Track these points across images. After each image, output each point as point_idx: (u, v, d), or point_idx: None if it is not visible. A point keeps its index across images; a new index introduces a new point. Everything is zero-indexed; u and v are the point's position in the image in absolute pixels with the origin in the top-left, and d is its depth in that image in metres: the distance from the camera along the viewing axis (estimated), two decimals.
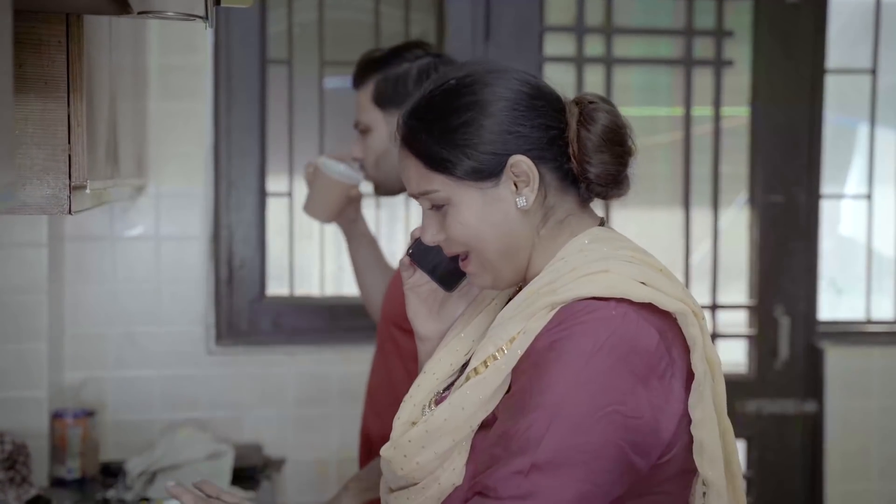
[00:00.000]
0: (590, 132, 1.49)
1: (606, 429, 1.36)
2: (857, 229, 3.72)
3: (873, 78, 3.63)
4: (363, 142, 2.35)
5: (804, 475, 3.59)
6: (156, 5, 1.42)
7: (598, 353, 1.37)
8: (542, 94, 1.51)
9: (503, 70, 1.53)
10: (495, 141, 1.47)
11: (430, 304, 1.67)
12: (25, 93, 1.50)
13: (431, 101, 1.52)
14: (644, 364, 1.38)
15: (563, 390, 1.37)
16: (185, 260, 3.23)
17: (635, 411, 1.37)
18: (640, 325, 1.39)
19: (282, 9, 3.41)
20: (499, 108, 1.48)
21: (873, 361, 3.56)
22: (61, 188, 1.54)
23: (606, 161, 1.49)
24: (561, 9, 3.56)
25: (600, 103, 1.52)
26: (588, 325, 1.39)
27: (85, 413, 2.96)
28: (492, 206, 1.49)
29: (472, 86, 1.50)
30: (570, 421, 1.35)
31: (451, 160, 1.48)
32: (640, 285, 1.42)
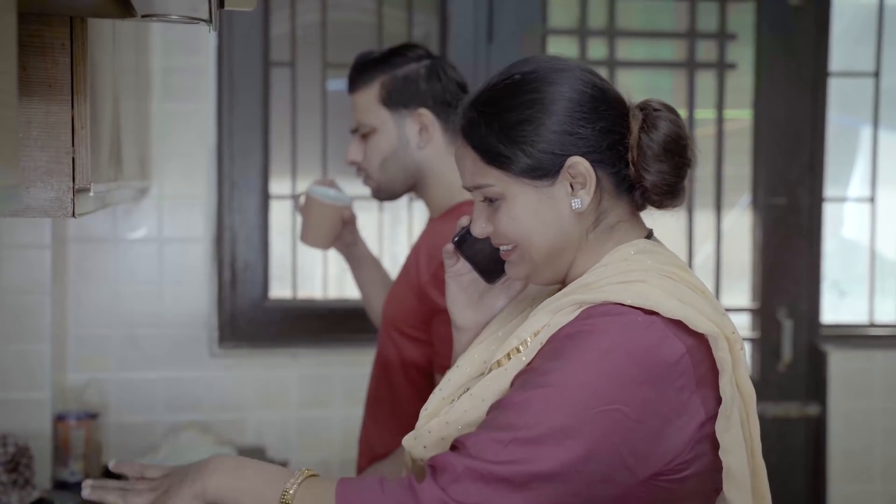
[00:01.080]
0: (651, 139, 1.47)
1: (604, 423, 1.34)
2: (860, 231, 3.72)
3: (876, 80, 3.63)
4: (364, 145, 2.29)
5: (807, 477, 3.59)
6: (159, 8, 1.42)
7: (615, 351, 1.37)
8: (605, 97, 1.50)
9: (569, 68, 1.50)
10: (555, 141, 1.46)
11: (470, 293, 1.66)
12: (29, 96, 1.50)
13: (494, 94, 1.51)
14: (660, 373, 1.37)
15: (568, 377, 1.36)
16: (188, 262, 3.23)
17: (640, 415, 1.35)
18: (664, 336, 1.38)
19: (284, 11, 3.41)
20: (561, 108, 1.47)
21: (876, 364, 3.56)
22: (65, 191, 1.54)
23: (665, 171, 1.48)
24: (563, 11, 3.56)
25: (665, 111, 1.50)
26: (612, 325, 1.38)
27: (88, 415, 2.96)
28: (545, 205, 1.48)
29: (535, 82, 1.48)
30: (566, 407, 1.35)
31: (509, 156, 1.47)
32: (673, 301, 1.40)
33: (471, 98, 1.54)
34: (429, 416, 1.54)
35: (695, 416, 1.39)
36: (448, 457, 1.37)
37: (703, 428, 1.40)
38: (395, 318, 2.21)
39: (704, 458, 1.41)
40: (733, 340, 1.43)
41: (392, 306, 2.26)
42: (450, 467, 1.35)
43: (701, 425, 1.39)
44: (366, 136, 2.28)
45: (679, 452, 1.38)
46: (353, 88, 2.30)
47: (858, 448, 3.54)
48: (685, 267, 1.52)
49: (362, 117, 2.27)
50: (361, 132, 2.28)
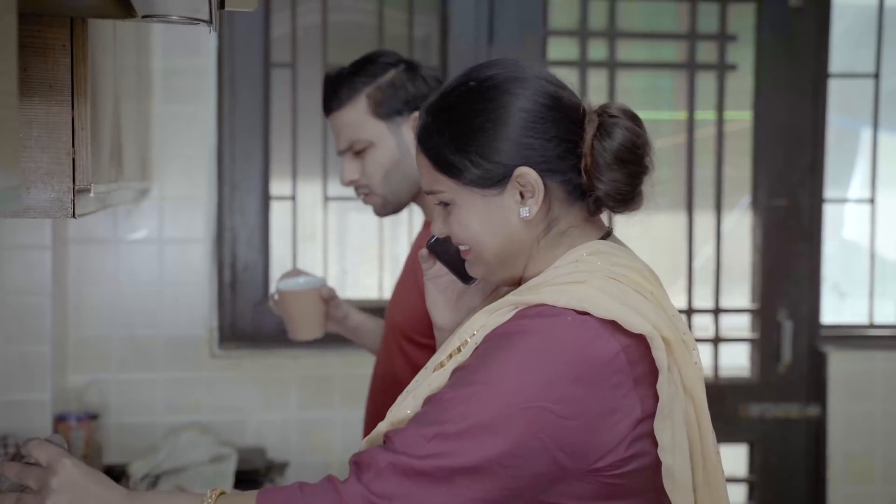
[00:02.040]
0: (604, 148, 1.47)
1: (528, 420, 1.36)
2: (861, 233, 3.72)
3: (876, 81, 3.63)
4: (359, 162, 2.20)
5: (807, 478, 3.59)
6: (160, 9, 1.42)
7: (543, 350, 1.38)
8: (561, 106, 1.49)
9: (526, 77, 1.49)
10: (504, 151, 1.47)
11: (449, 295, 1.69)
12: (30, 96, 1.50)
13: (449, 100, 1.51)
14: (590, 373, 1.38)
15: (495, 374, 1.38)
16: (189, 263, 3.23)
17: (568, 412, 1.36)
18: (597, 335, 1.39)
19: (285, 12, 3.41)
20: (514, 120, 1.46)
21: (876, 365, 3.56)
22: (65, 192, 1.54)
23: (618, 179, 1.48)
24: (564, 12, 3.56)
25: (622, 118, 1.49)
26: (542, 325, 1.40)
27: (88, 416, 2.97)
28: (494, 213, 1.49)
29: (490, 91, 1.49)
30: (491, 403, 1.36)
31: (458, 166, 1.49)
32: (610, 301, 1.40)
33: (428, 102, 1.55)
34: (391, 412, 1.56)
35: (630, 414, 1.40)
36: (373, 452, 1.39)
37: (642, 425, 1.41)
38: (404, 327, 2.16)
39: (647, 456, 1.42)
40: (675, 342, 1.43)
41: (399, 315, 2.21)
42: (373, 463, 1.37)
43: (638, 422, 1.40)
44: (360, 153, 2.19)
45: (613, 448, 1.39)
46: (334, 108, 2.21)
47: (858, 449, 3.54)
48: (638, 269, 1.51)
49: (355, 134, 2.19)
50: (355, 149, 2.19)
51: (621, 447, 1.40)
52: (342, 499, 1.35)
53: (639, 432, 1.41)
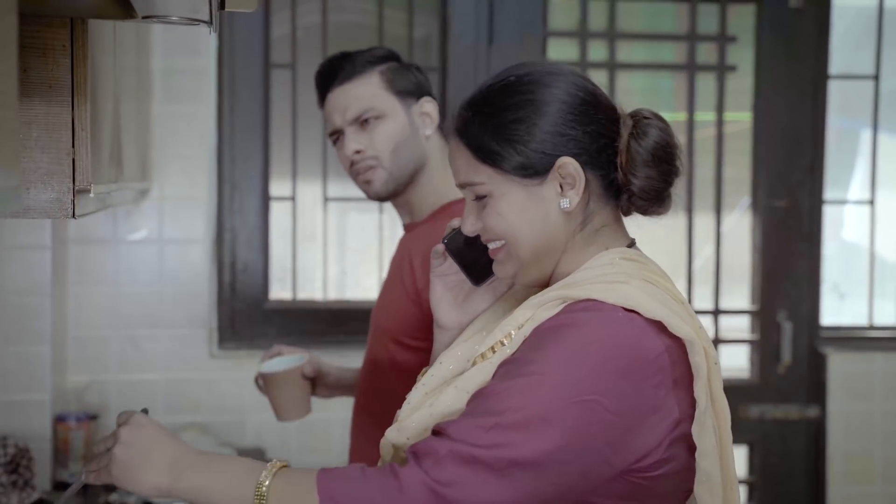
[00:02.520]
0: (640, 146, 1.50)
1: (582, 413, 1.36)
2: (860, 234, 3.72)
3: (876, 83, 3.63)
4: (368, 134, 2.14)
5: (807, 479, 3.59)
6: (160, 10, 1.42)
7: (595, 344, 1.39)
8: (597, 102, 1.53)
9: (563, 72, 1.54)
10: (546, 140, 1.49)
11: (456, 294, 1.68)
12: (30, 97, 1.50)
13: (489, 94, 1.54)
14: (638, 369, 1.40)
15: (549, 366, 1.39)
16: (188, 263, 3.24)
17: (617, 407, 1.38)
18: (644, 333, 1.41)
19: (285, 12, 3.41)
20: (554, 110, 1.49)
21: (876, 366, 3.56)
22: (65, 192, 1.54)
23: (652, 176, 1.51)
24: (564, 13, 3.56)
25: (654, 119, 1.53)
26: (593, 319, 1.41)
27: (88, 416, 2.97)
28: (534, 204, 1.50)
29: (530, 84, 1.51)
30: (546, 395, 1.37)
31: (501, 153, 1.50)
32: (654, 303, 1.43)
33: (466, 99, 1.57)
34: (412, 409, 1.55)
35: (669, 415, 1.41)
36: (430, 441, 1.39)
37: (678, 428, 1.42)
38: (392, 329, 2.15)
39: (679, 460, 1.43)
40: (709, 350, 1.45)
41: (387, 317, 2.19)
42: (432, 451, 1.36)
43: (676, 424, 1.42)
44: (367, 125, 2.15)
45: (653, 449, 1.40)
46: (342, 79, 2.16)
47: (858, 450, 3.54)
48: (667, 276, 1.55)
49: (368, 103, 2.14)
50: (364, 118, 2.14)
51: (660, 448, 1.41)
52: (402, 484, 1.35)
53: (676, 435, 1.42)
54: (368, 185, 2.18)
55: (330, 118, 2.19)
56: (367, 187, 2.19)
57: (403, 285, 2.12)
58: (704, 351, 1.43)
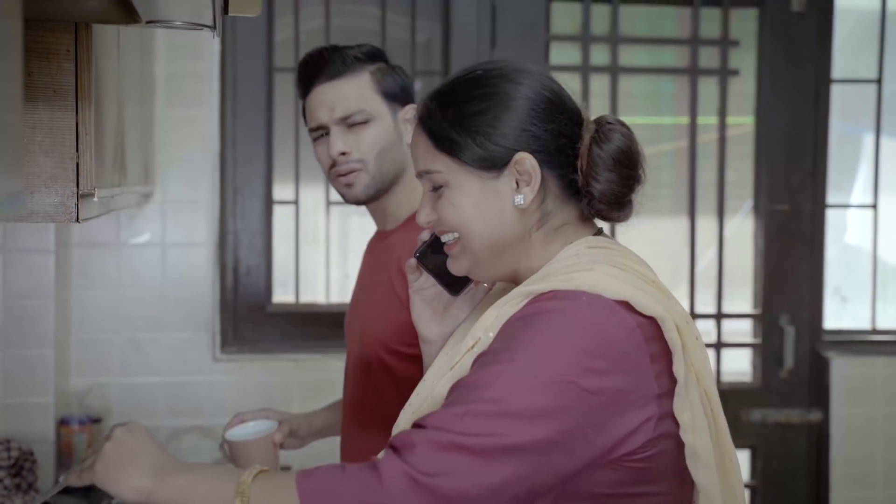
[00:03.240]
0: (602, 150, 1.49)
1: (559, 395, 1.36)
2: (863, 238, 3.72)
3: (878, 87, 3.63)
4: (355, 136, 2.07)
5: (809, 483, 3.59)
6: (164, 15, 1.43)
7: (565, 327, 1.39)
8: (562, 103, 1.53)
9: (530, 71, 1.54)
10: (507, 135, 1.49)
11: (435, 306, 1.68)
12: (34, 101, 1.51)
13: (455, 86, 1.54)
14: (610, 347, 1.39)
15: (522, 352, 1.38)
16: (191, 267, 3.24)
17: (595, 388, 1.37)
18: (611, 315, 1.40)
19: (288, 17, 3.42)
20: (518, 105, 1.49)
21: (878, 370, 3.56)
22: (69, 196, 1.54)
23: (613, 180, 1.50)
24: (566, 17, 3.56)
25: (618, 125, 1.53)
26: (559, 306, 1.41)
27: (91, 419, 2.97)
28: (488, 197, 1.50)
29: (496, 78, 1.52)
30: (521, 379, 1.37)
31: (459, 143, 1.50)
32: (618, 284, 1.42)
33: (432, 91, 1.57)
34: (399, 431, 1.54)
35: (649, 391, 1.41)
36: (408, 434, 1.38)
37: (661, 405, 1.42)
38: (384, 338, 2.08)
39: (670, 437, 1.43)
40: (684, 329, 1.44)
41: (376, 326, 2.11)
42: (409, 442, 1.36)
43: (658, 401, 1.41)
44: (354, 127, 2.08)
45: (639, 426, 1.40)
46: (332, 75, 2.08)
47: (860, 454, 3.54)
48: (638, 259, 1.54)
49: (357, 104, 2.07)
50: (353, 121, 2.07)
51: (647, 427, 1.40)
52: (382, 476, 1.34)
53: (661, 412, 1.42)
54: (349, 188, 2.11)
55: (314, 114, 2.10)
56: (346, 190, 2.12)
57: (394, 292, 2.07)
58: (677, 327, 1.42)
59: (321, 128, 2.10)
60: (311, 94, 2.10)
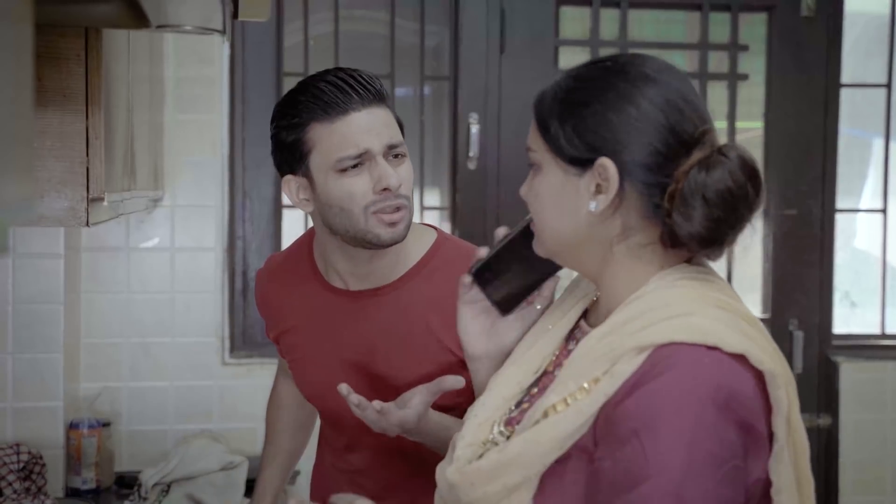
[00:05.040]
0: (696, 180, 1.35)
1: (730, 487, 1.27)
2: (872, 243, 3.71)
3: (888, 91, 3.63)
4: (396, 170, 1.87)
5: (819, 488, 3.56)
6: (174, 20, 1.43)
7: (701, 403, 1.27)
8: (674, 123, 1.39)
9: (657, 81, 1.41)
10: (600, 135, 1.38)
11: (483, 321, 1.61)
12: (45, 106, 1.51)
13: (582, 70, 1.45)
14: (745, 411, 1.29)
15: (678, 453, 1.26)
16: (200, 271, 3.24)
17: (745, 462, 1.29)
18: (734, 371, 1.29)
19: (297, 22, 3.42)
20: (625, 110, 1.38)
21: (887, 375, 3.55)
22: (79, 200, 1.55)
23: (694, 217, 1.35)
24: (575, 22, 3.57)
25: (731, 161, 1.37)
26: (684, 371, 1.29)
27: (100, 423, 2.98)
28: (567, 194, 1.41)
29: (617, 75, 1.41)
30: (694, 487, 1.26)
31: (552, 131, 1.41)
32: (732, 333, 1.31)
33: (571, 67, 1.49)
34: (470, 446, 1.47)
35: (763, 451, 1.32)
36: None
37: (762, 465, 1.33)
38: None
39: (762, 499, 1.34)
40: (788, 378, 1.34)
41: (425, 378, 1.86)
42: None
43: (763, 464, 1.32)
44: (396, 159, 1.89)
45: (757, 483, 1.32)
46: (381, 99, 1.90)
47: (870, 459, 3.53)
48: (735, 296, 1.41)
49: (398, 137, 1.89)
50: (397, 152, 1.88)
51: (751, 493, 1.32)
52: None
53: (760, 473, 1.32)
54: (394, 226, 1.87)
55: (355, 139, 1.84)
56: (389, 230, 1.87)
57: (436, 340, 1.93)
58: (786, 385, 1.32)
59: (363, 156, 1.84)
60: (347, 117, 1.85)
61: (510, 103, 3.42)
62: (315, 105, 1.86)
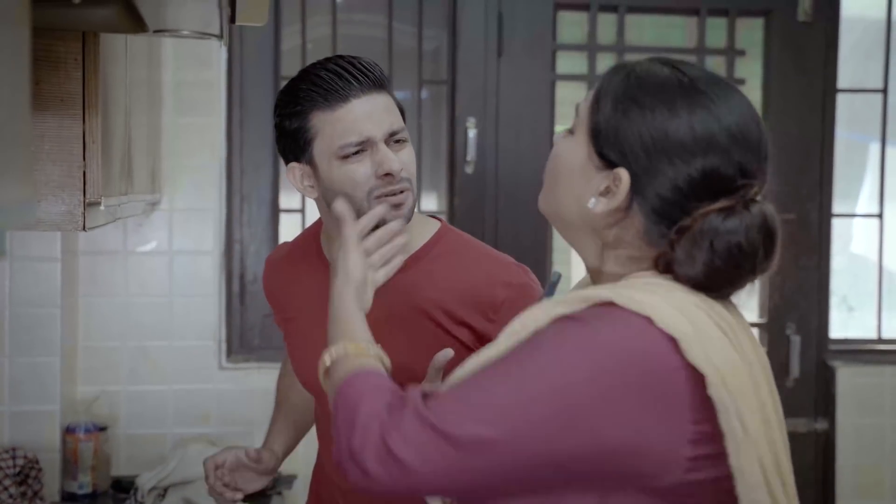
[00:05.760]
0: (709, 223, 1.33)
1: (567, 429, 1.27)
2: (869, 247, 3.71)
3: (884, 96, 3.63)
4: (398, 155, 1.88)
5: (816, 493, 3.58)
6: (171, 24, 1.43)
7: (600, 347, 1.28)
8: (715, 169, 1.34)
9: (717, 114, 1.36)
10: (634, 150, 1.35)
11: None
12: (42, 110, 1.51)
13: (658, 71, 1.40)
14: (646, 382, 1.28)
15: (545, 358, 1.29)
16: (198, 274, 3.24)
17: (609, 413, 1.27)
18: (657, 345, 1.28)
19: (295, 25, 3.42)
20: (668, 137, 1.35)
21: (885, 379, 3.55)
22: (76, 205, 1.55)
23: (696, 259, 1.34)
24: (573, 26, 3.57)
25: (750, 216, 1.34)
26: (605, 320, 1.30)
27: (97, 428, 2.97)
28: (580, 173, 1.40)
29: (684, 97, 1.37)
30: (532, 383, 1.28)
31: (603, 113, 1.39)
32: (676, 317, 1.29)
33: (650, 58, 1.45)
34: None
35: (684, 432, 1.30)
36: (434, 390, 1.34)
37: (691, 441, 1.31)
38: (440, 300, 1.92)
39: (712, 471, 1.33)
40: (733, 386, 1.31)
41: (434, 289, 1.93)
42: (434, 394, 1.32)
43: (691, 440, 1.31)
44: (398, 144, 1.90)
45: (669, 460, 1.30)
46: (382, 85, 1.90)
47: (867, 464, 3.53)
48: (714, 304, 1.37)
49: (399, 123, 1.91)
50: (399, 138, 1.90)
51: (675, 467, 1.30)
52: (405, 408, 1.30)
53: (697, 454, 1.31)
54: (398, 208, 1.88)
55: (356, 126, 1.86)
56: (395, 212, 1.87)
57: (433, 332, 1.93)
58: (725, 385, 1.29)
59: (365, 143, 1.86)
60: (348, 105, 1.85)
61: (508, 107, 3.42)
62: (316, 93, 1.87)
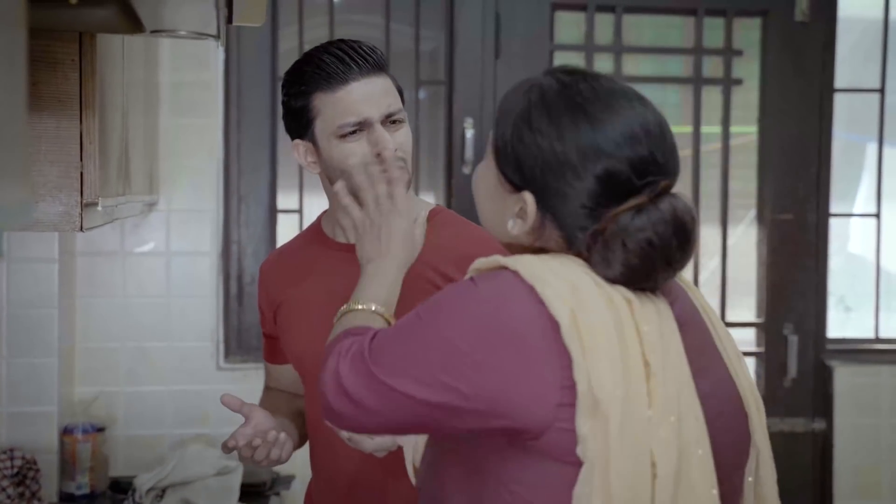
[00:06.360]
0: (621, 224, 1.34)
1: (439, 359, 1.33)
2: (866, 247, 3.72)
3: (881, 96, 3.63)
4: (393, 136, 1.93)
5: (813, 493, 3.58)
6: (169, 24, 1.43)
7: (469, 299, 1.34)
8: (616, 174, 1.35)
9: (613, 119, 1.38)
10: (534, 172, 1.38)
11: None
12: (39, 111, 1.51)
13: (550, 87, 1.42)
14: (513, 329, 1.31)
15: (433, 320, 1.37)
16: (196, 275, 3.24)
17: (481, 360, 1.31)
18: (519, 293, 1.32)
19: (292, 26, 3.42)
20: (565, 154, 1.36)
21: (882, 379, 3.55)
22: (73, 205, 1.55)
23: (612, 258, 1.35)
24: (571, 27, 3.57)
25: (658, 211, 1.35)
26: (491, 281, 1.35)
27: (95, 428, 2.97)
28: (497, 197, 1.45)
29: (577, 109, 1.38)
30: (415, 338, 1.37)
31: (503, 138, 1.42)
32: (543, 270, 1.33)
33: (559, 68, 1.49)
34: None
35: (544, 382, 1.29)
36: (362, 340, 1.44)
37: (561, 394, 1.29)
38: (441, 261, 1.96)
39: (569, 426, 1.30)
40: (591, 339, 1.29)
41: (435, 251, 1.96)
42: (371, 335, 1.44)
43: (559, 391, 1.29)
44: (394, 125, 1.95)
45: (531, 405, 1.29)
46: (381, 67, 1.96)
47: (865, 464, 3.54)
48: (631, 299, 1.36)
49: (397, 104, 1.96)
50: (395, 118, 1.95)
51: (542, 411, 1.29)
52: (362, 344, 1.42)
53: (562, 401, 1.29)
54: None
55: (355, 108, 1.92)
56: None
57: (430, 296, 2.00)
58: (580, 334, 1.28)
59: (362, 123, 1.92)
60: (347, 87, 1.92)
61: None
62: (318, 75, 1.96)
